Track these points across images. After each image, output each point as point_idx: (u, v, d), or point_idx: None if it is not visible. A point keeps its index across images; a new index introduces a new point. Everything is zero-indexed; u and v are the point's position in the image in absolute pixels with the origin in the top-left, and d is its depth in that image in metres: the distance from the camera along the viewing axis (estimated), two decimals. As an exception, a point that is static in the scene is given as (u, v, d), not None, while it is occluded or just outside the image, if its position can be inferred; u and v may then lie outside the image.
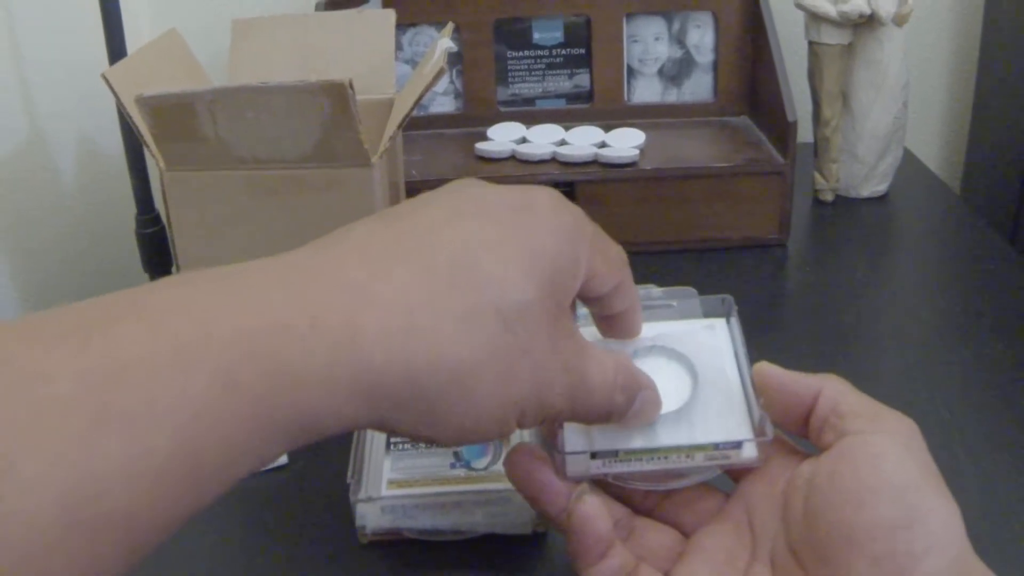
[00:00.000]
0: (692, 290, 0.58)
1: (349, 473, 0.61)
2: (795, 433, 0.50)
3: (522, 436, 0.61)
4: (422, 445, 0.63)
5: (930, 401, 0.72)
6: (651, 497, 0.53)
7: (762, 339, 0.79)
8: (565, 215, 0.44)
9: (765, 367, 0.51)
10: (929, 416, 0.70)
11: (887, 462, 0.44)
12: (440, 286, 0.39)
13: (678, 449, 0.51)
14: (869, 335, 0.83)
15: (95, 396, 0.32)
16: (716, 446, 0.51)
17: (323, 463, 0.68)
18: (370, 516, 0.59)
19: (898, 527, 0.42)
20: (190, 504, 0.35)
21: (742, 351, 0.55)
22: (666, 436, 0.51)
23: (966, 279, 0.93)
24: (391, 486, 0.60)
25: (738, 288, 0.91)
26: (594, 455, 0.51)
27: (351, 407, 0.37)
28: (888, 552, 0.42)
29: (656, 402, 0.49)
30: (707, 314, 0.58)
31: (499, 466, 0.61)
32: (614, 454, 0.51)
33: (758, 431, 0.51)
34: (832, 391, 0.48)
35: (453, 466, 0.61)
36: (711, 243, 0.98)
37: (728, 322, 0.57)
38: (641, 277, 0.84)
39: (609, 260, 0.47)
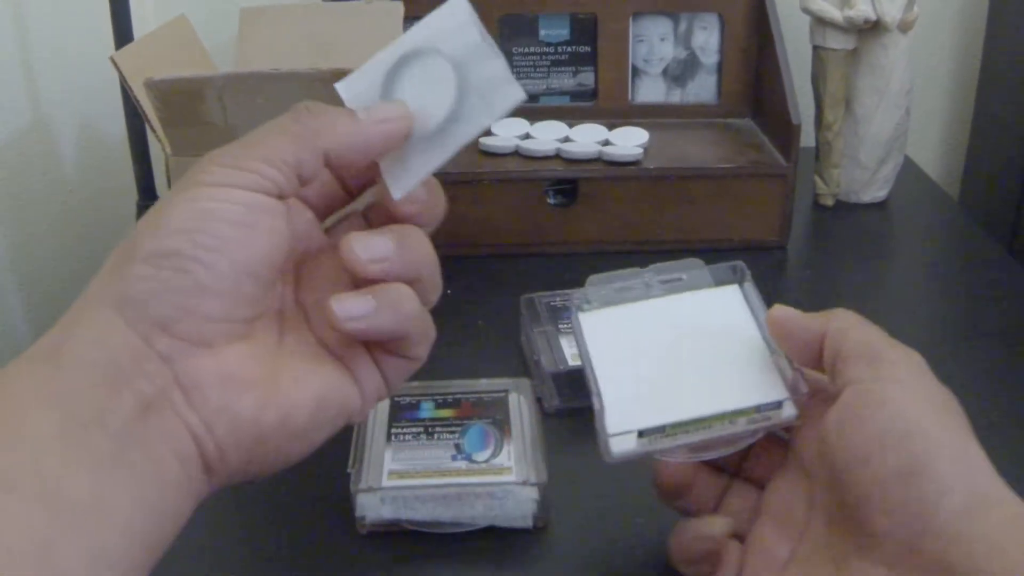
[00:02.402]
0: (699, 261, 0.58)
1: (350, 463, 0.61)
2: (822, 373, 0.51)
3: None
4: (423, 437, 0.63)
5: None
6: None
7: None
8: None
9: (775, 313, 0.53)
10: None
11: (887, 411, 0.44)
12: None
13: (721, 416, 0.51)
14: (868, 339, 0.83)
15: None
16: (757, 408, 0.51)
17: (323, 453, 0.67)
18: (370, 507, 0.59)
19: (907, 475, 0.42)
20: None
21: (762, 314, 0.55)
22: (706, 405, 0.51)
23: (964, 286, 0.93)
24: (391, 477, 0.60)
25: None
26: (641, 433, 0.51)
27: None
28: (901, 502, 0.42)
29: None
30: (719, 283, 0.58)
31: (500, 459, 0.61)
32: (660, 430, 0.51)
33: (792, 388, 0.51)
34: (835, 332, 0.49)
35: (454, 458, 0.61)
36: (711, 244, 0.98)
37: (742, 287, 0.57)
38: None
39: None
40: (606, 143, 0.99)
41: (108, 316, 0.38)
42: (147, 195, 0.95)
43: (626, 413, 0.52)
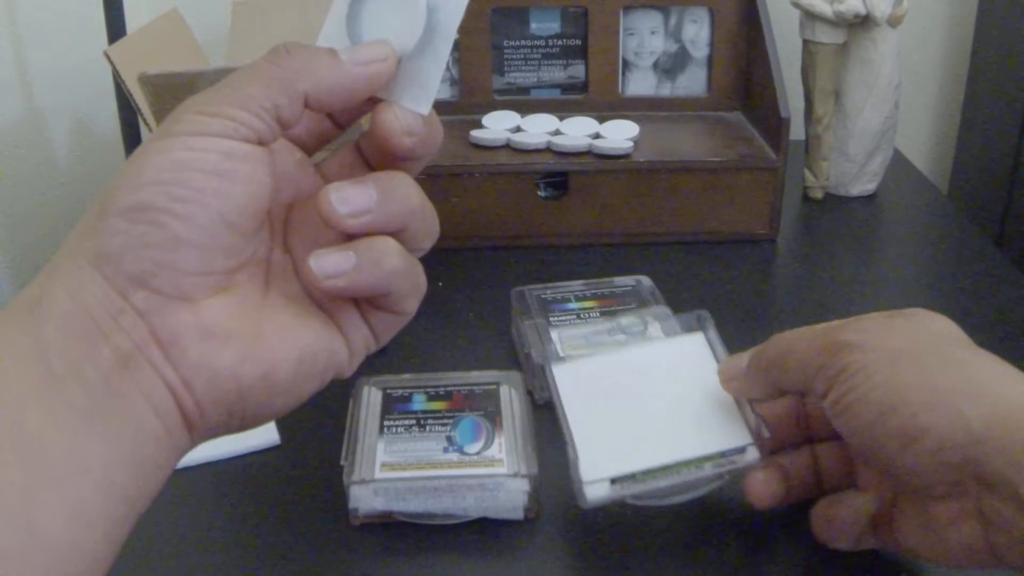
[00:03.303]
0: (667, 310, 0.62)
1: (343, 455, 0.61)
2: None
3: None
4: (415, 429, 0.63)
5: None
6: None
7: (748, 333, 0.79)
8: None
9: (719, 375, 0.60)
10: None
11: (861, 419, 0.50)
12: None
13: (688, 463, 0.55)
14: (856, 332, 0.84)
15: None
16: (723, 454, 0.56)
17: (316, 445, 0.68)
18: (363, 498, 0.60)
19: (909, 444, 0.48)
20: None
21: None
22: (675, 452, 0.55)
23: (952, 279, 0.94)
24: (384, 469, 0.60)
25: (726, 281, 0.92)
26: (613, 480, 0.55)
27: None
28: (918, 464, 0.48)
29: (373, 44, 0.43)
30: (685, 330, 0.64)
31: (491, 451, 0.62)
32: (631, 476, 0.55)
33: (755, 434, 0.56)
34: (775, 358, 0.55)
35: (446, 451, 0.62)
36: (701, 236, 0.99)
37: (707, 335, 0.62)
38: (632, 268, 0.85)
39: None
40: (597, 136, 0.99)
41: (85, 270, 0.37)
42: (139, 187, 0.96)
43: (599, 461, 0.56)
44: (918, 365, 0.49)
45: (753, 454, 0.56)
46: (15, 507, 0.33)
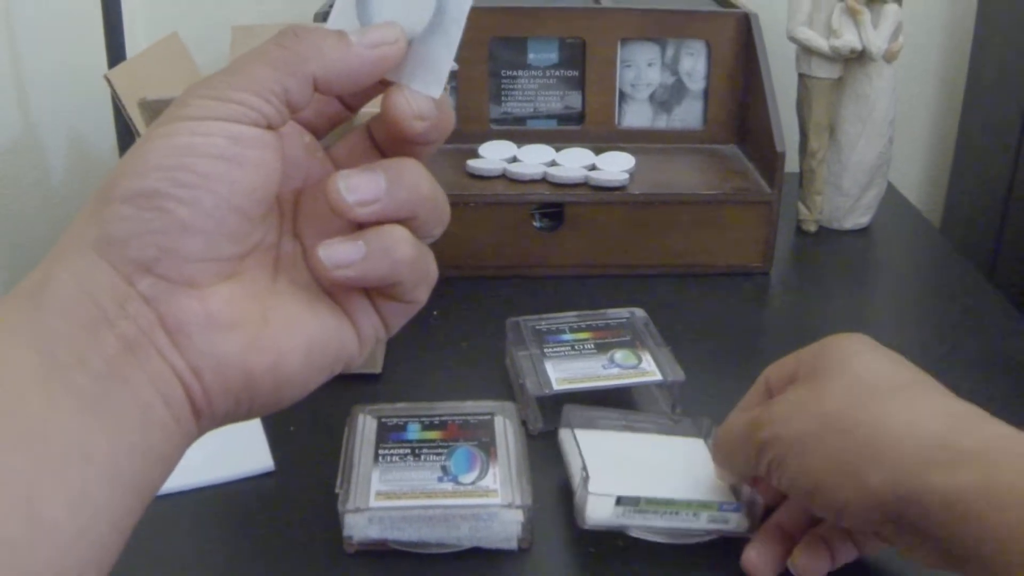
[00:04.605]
0: (667, 420, 0.70)
1: (338, 483, 0.61)
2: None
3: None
4: (410, 458, 0.63)
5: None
6: None
7: (741, 365, 0.80)
8: None
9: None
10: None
11: (797, 497, 0.56)
12: None
13: (689, 504, 0.59)
14: (849, 366, 0.84)
15: None
16: (720, 506, 0.59)
17: (310, 471, 0.68)
18: (358, 526, 0.60)
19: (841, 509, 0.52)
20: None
21: None
22: (678, 491, 0.60)
23: (944, 313, 0.94)
24: (379, 497, 0.61)
25: (720, 314, 0.92)
26: (619, 500, 0.58)
27: None
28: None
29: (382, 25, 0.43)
30: (686, 434, 0.69)
31: (485, 482, 0.62)
32: (635, 502, 0.58)
33: (748, 503, 0.60)
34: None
35: (440, 480, 0.62)
36: (696, 269, 0.99)
37: (707, 441, 0.67)
38: (627, 300, 0.86)
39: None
40: (592, 168, 1.00)
41: (89, 257, 0.37)
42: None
43: (607, 481, 0.59)
44: (822, 448, 0.53)
45: (744, 521, 0.60)
46: (19, 495, 0.33)
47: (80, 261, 0.37)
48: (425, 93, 0.42)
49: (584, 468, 0.60)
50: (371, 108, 0.44)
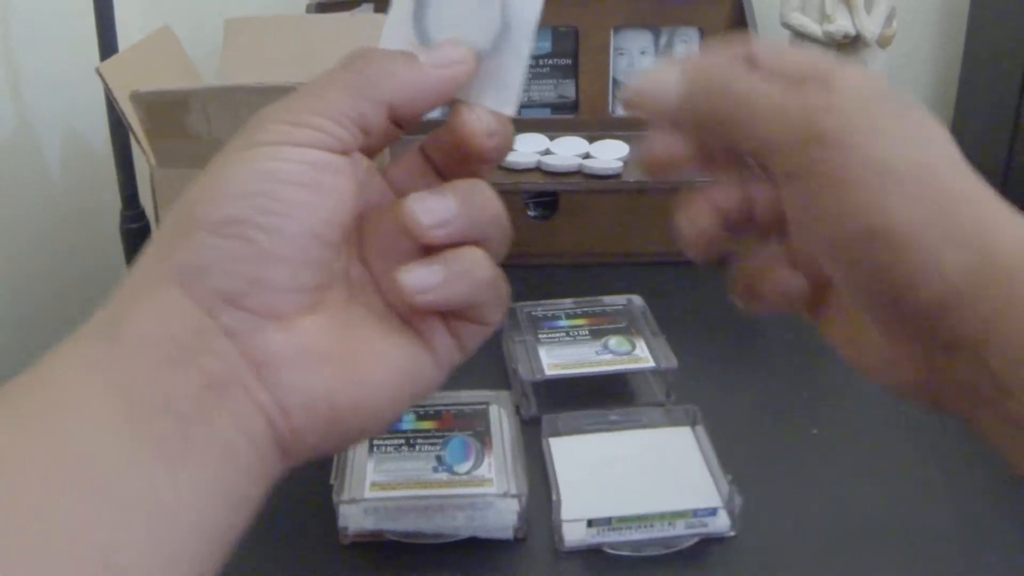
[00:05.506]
0: (658, 411, 0.69)
1: (332, 474, 0.61)
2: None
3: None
4: (405, 448, 0.63)
5: (904, 413, 0.73)
6: None
7: (739, 351, 0.80)
8: None
9: (641, 86, 0.44)
10: (906, 431, 0.71)
11: (823, 233, 0.38)
12: None
13: (661, 516, 0.59)
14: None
15: None
16: (694, 513, 0.59)
17: (306, 464, 0.68)
18: (353, 517, 0.60)
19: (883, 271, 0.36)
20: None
21: (710, 452, 0.65)
22: (650, 505, 0.59)
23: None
24: (374, 488, 0.61)
25: (716, 300, 0.92)
26: (590, 523, 0.59)
27: None
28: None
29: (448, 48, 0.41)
30: (674, 423, 0.69)
31: (481, 471, 0.62)
32: (607, 522, 0.59)
33: (727, 501, 0.60)
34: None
35: (436, 470, 0.62)
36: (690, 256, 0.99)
37: (694, 429, 0.68)
38: (623, 288, 0.85)
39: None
40: (586, 156, 1.00)
41: (169, 291, 0.36)
42: (131, 205, 0.96)
43: (578, 503, 0.60)
44: (909, 188, 0.39)
45: (725, 520, 0.60)
46: (97, 547, 0.31)
47: (159, 295, 0.36)
48: (498, 110, 0.41)
49: (556, 492, 0.61)
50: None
